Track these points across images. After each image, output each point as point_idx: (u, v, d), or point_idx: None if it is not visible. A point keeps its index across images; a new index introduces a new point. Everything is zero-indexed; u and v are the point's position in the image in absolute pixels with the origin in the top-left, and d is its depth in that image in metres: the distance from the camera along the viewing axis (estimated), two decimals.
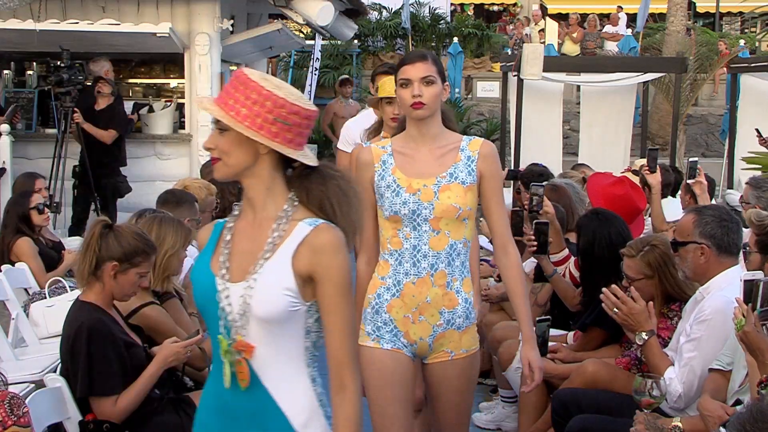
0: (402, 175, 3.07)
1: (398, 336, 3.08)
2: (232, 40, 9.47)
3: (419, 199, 3.03)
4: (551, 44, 17.16)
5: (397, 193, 3.05)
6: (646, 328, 3.58)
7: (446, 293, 3.06)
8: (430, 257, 3.04)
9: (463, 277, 3.09)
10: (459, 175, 3.05)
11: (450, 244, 3.04)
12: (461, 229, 3.05)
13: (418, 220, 3.03)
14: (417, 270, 3.05)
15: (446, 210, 3.02)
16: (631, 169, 6.35)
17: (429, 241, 3.04)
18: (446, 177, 3.05)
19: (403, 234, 3.05)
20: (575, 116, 13.01)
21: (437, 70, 3.06)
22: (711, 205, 3.90)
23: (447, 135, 3.14)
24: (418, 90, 3.01)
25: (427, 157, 3.08)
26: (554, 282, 4.72)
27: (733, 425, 2.15)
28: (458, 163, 3.06)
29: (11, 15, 8.24)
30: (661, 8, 18.22)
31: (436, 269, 3.04)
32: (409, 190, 3.04)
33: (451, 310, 3.07)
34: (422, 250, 3.05)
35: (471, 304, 3.11)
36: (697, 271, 3.60)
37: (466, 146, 3.10)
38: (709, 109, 17.72)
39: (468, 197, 3.03)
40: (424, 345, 3.09)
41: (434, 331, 3.07)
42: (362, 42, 18.57)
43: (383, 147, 3.14)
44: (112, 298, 3.53)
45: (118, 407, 3.35)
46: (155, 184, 8.11)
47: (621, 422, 3.38)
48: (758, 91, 9.91)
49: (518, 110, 9.61)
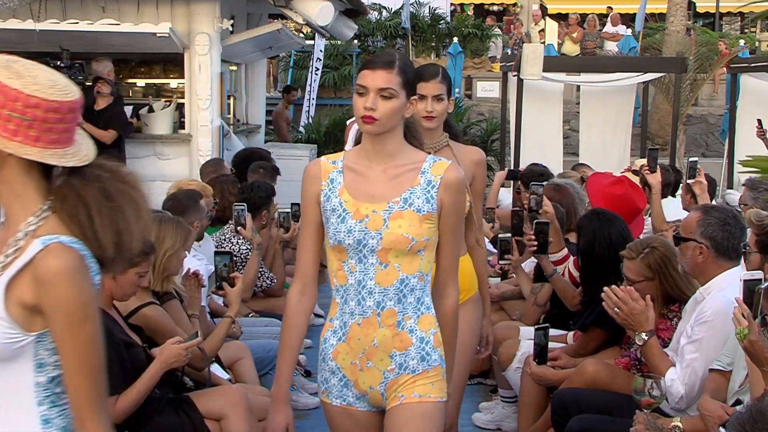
0: (349, 198, 2.65)
1: (348, 386, 2.68)
2: (232, 40, 9.47)
3: (366, 227, 2.60)
4: (551, 44, 17.15)
5: (343, 219, 2.62)
6: (647, 328, 3.58)
7: (396, 334, 2.62)
8: (376, 294, 2.61)
9: (419, 314, 2.65)
10: (414, 202, 2.61)
11: (400, 278, 2.61)
12: (415, 262, 2.62)
13: (364, 251, 2.61)
14: (362, 309, 2.62)
15: (396, 241, 2.58)
16: (631, 169, 6.36)
17: (375, 276, 2.61)
18: (399, 202, 2.61)
19: (348, 267, 2.63)
20: (575, 116, 13.01)
21: (402, 82, 2.61)
22: (719, 206, 3.90)
23: (408, 153, 2.70)
24: (371, 102, 2.58)
25: (380, 177, 2.65)
26: (554, 282, 4.72)
27: (733, 425, 2.15)
28: (416, 188, 2.63)
29: (11, 15, 8.24)
30: (661, 8, 18.24)
31: (383, 307, 2.61)
32: (356, 216, 2.62)
33: (403, 352, 2.62)
34: (368, 286, 2.62)
35: (430, 344, 2.64)
36: (695, 269, 3.62)
37: (428, 168, 2.65)
38: (709, 109, 17.72)
39: (424, 228, 2.61)
40: (376, 395, 2.66)
41: (385, 377, 2.63)
42: (362, 42, 18.57)
43: (334, 162, 2.72)
44: (112, 298, 3.54)
45: (117, 407, 3.35)
46: (155, 184, 8.10)
47: (621, 422, 3.38)
48: (758, 91, 9.92)
49: (518, 110, 9.61)
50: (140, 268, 3.52)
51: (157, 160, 9.16)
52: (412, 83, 2.67)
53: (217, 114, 9.19)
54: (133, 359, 3.45)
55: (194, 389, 3.89)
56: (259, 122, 12.32)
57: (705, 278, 3.58)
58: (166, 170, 8.94)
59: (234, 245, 5.54)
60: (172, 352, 3.49)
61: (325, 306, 8.28)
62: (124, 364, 3.39)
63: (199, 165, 7.83)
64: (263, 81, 12.37)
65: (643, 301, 3.58)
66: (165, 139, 9.19)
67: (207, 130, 8.97)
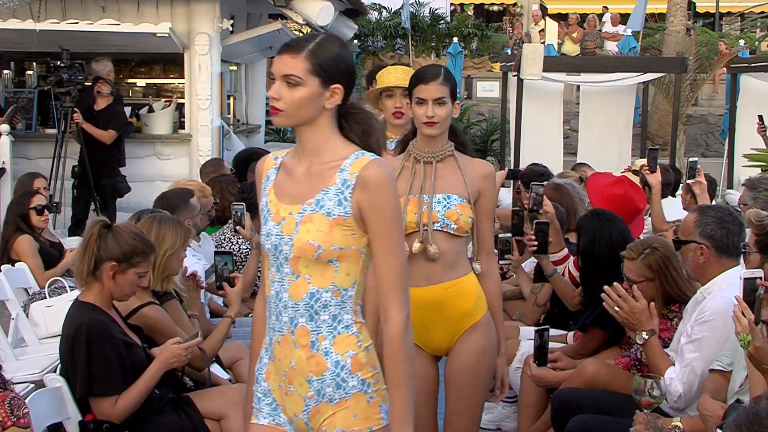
0: (273, 198, 2.39)
1: (278, 411, 2.41)
2: (232, 40, 9.47)
3: (281, 231, 2.32)
4: (551, 44, 17.15)
5: (266, 221, 2.38)
6: (647, 328, 3.58)
7: (311, 356, 2.31)
8: (290, 308, 2.33)
9: (336, 334, 2.32)
10: (326, 204, 2.29)
11: (310, 292, 2.31)
12: (328, 274, 2.30)
13: (280, 258, 2.34)
14: (280, 325, 2.35)
15: (302, 248, 2.28)
16: (631, 169, 6.35)
17: (289, 288, 2.33)
18: (312, 204, 2.31)
19: (271, 276, 2.37)
20: (575, 116, 13.01)
21: (310, 68, 2.30)
22: (714, 205, 3.91)
23: (336, 148, 2.35)
24: (274, 90, 2.32)
25: (302, 176, 2.36)
26: (554, 281, 4.72)
27: (730, 428, 2.15)
28: (330, 188, 2.30)
29: (11, 15, 8.24)
30: (661, 8, 18.24)
31: (296, 324, 2.33)
32: (275, 219, 2.35)
33: (319, 378, 2.30)
34: (283, 299, 2.34)
35: (346, 369, 2.30)
36: (697, 271, 3.62)
37: (347, 166, 2.30)
38: (709, 109, 17.74)
39: (335, 234, 2.28)
40: (300, 423, 2.36)
41: (306, 405, 2.33)
42: (362, 42, 18.60)
43: (276, 158, 2.47)
44: (111, 298, 3.53)
45: (117, 407, 3.35)
46: (155, 184, 8.11)
47: (621, 422, 3.38)
48: (758, 91, 9.92)
49: (518, 110, 9.61)
50: (140, 268, 3.52)
51: (157, 160, 9.17)
52: (329, 69, 2.29)
53: (217, 114, 9.19)
54: (133, 359, 3.44)
55: (194, 389, 3.89)
56: (259, 122, 12.32)
57: (708, 279, 3.58)
58: (166, 170, 8.95)
59: (234, 245, 5.54)
60: (172, 353, 3.49)
61: None
62: (124, 364, 3.38)
63: (199, 165, 7.84)
64: (263, 81, 12.37)
65: (644, 300, 3.59)
66: (165, 139, 9.20)
67: (207, 130, 8.98)
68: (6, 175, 7.70)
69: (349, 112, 2.38)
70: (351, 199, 2.28)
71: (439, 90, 3.10)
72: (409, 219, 3.11)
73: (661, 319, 3.85)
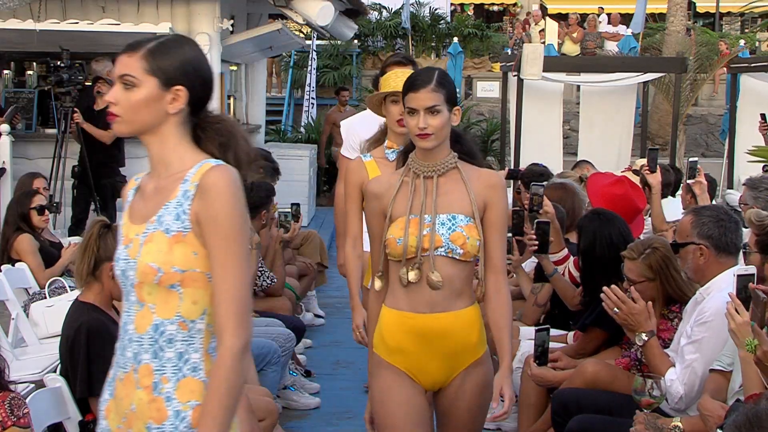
0: (126, 221, 2.14)
1: None
2: (232, 40, 9.47)
3: (128, 255, 2.08)
4: (551, 44, 17.14)
5: (118, 246, 2.16)
6: (647, 329, 3.58)
7: (153, 399, 2.04)
8: (134, 343, 2.07)
9: (181, 377, 2.04)
10: (165, 220, 2.04)
11: (154, 323, 2.04)
12: (172, 302, 2.03)
13: (127, 285, 2.10)
14: (124, 361, 2.10)
15: (144, 272, 2.03)
16: (631, 169, 6.35)
17: (135, 319, 2.08)
18: (154, 222, 2.05)
19: (123, 305, 2.14)
20: (575, 116, 13.01)
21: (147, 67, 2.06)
22: (709, 205, 3.91)
23: (185, 159, 2.08)
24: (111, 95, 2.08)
25: (151, 192, 2.12)
26: (554, 281, 4.72)
27: (729, 428, 2.15)
28: (171, 202, 2.05)
29: (11, 15, 8.24)
30: (661, 8, 18.23)
31: (140, 361, 2.06)
32: (125, 242, 2.12)
33: (159, 426, 2.03)
34: (128, 332, 2.09)
35: (186, 422, 2.02)
36: (698, 272, 3.61)
37: (191, 176, 2.04)
38: (709, 109, 17.73)
39: (175, 254, 2.01)
40: None
41: None
42: (362, 42, 18.59)
43: (137, 178, 2.26)
44: (111, 298, 3.53)
45: None
46: None
47: (621, 422, 3.38)
48: (758, 91, 9.93)
49: (518, 110, 9.61)
50: None
51: None
52: (168, 69, 2.05)
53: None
54: None
55: None
56: (259, 122, 12.32)
57: (707, 279, 3.58)
58: None
59: None
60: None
61: (324, 306, 8.29)
62: None
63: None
64: (263, 81, 12.37)
65: (642, 301, 3.59)
66: None
67: None
68: (6, 175, 7.69)
69: (207, 123, 2.12)
70: (189, 212, 2.02)
71: (431, 98, 2.76)
72: (411, 243, 2.78)
73: (661, 320, 3.85)
